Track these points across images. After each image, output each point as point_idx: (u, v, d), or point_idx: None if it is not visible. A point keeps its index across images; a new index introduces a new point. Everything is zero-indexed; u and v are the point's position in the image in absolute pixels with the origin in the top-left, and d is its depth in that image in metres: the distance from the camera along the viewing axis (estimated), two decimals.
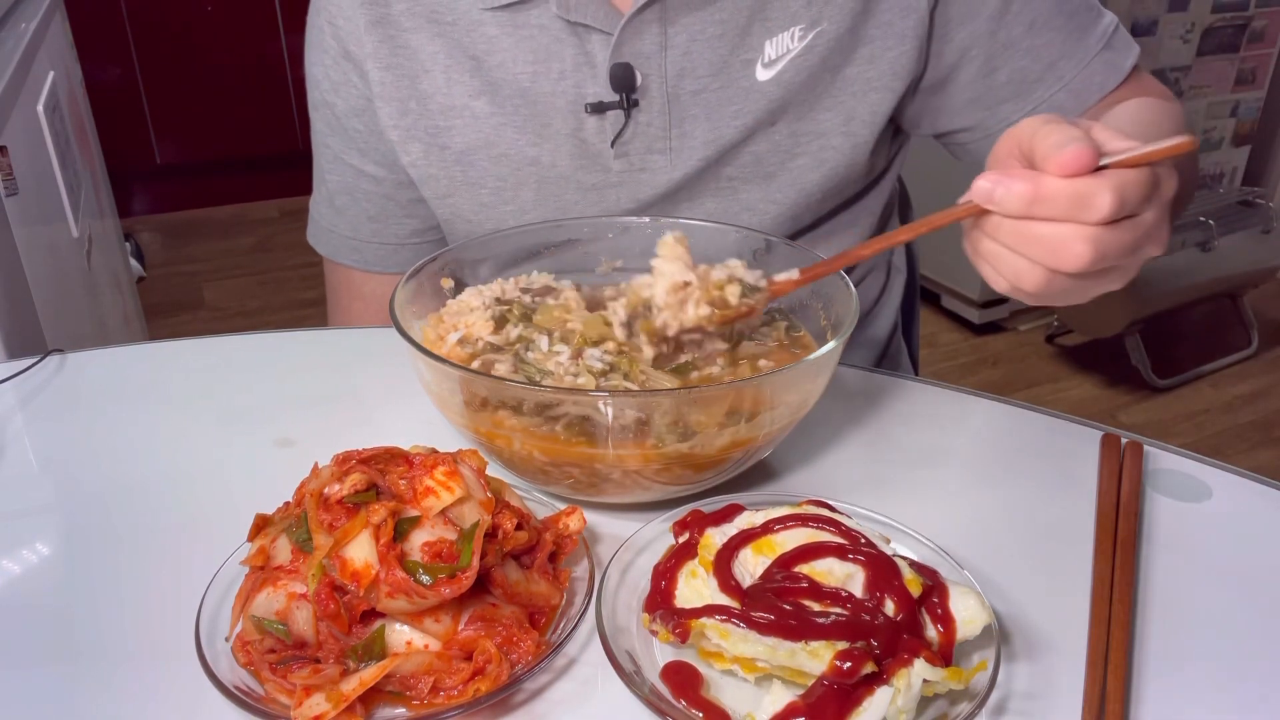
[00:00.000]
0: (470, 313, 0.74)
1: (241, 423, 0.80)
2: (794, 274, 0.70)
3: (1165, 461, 0.73)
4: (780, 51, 0.87)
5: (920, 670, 0.49)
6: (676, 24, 0.86)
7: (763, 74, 0.88)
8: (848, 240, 1.00)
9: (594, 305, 0.75)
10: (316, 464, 0.59)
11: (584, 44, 0.87)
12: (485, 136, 0.90)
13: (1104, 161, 0.56)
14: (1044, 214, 0.57)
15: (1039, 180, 0.57)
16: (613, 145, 0.88)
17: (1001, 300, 2.87)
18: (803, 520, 0.57)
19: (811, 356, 0.63)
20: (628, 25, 0.84)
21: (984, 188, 0.58)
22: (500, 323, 0.72)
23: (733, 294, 0.69)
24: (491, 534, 0.55)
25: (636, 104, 0.87)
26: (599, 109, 0.87)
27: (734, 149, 0.89)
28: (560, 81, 0.88)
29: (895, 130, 0.98)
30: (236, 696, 0.51)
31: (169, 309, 3.01)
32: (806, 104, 0.89)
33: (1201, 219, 2.56)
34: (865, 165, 0.94)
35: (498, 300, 0.75)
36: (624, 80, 0.86)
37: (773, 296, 0.71)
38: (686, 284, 0.68)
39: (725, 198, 0.92)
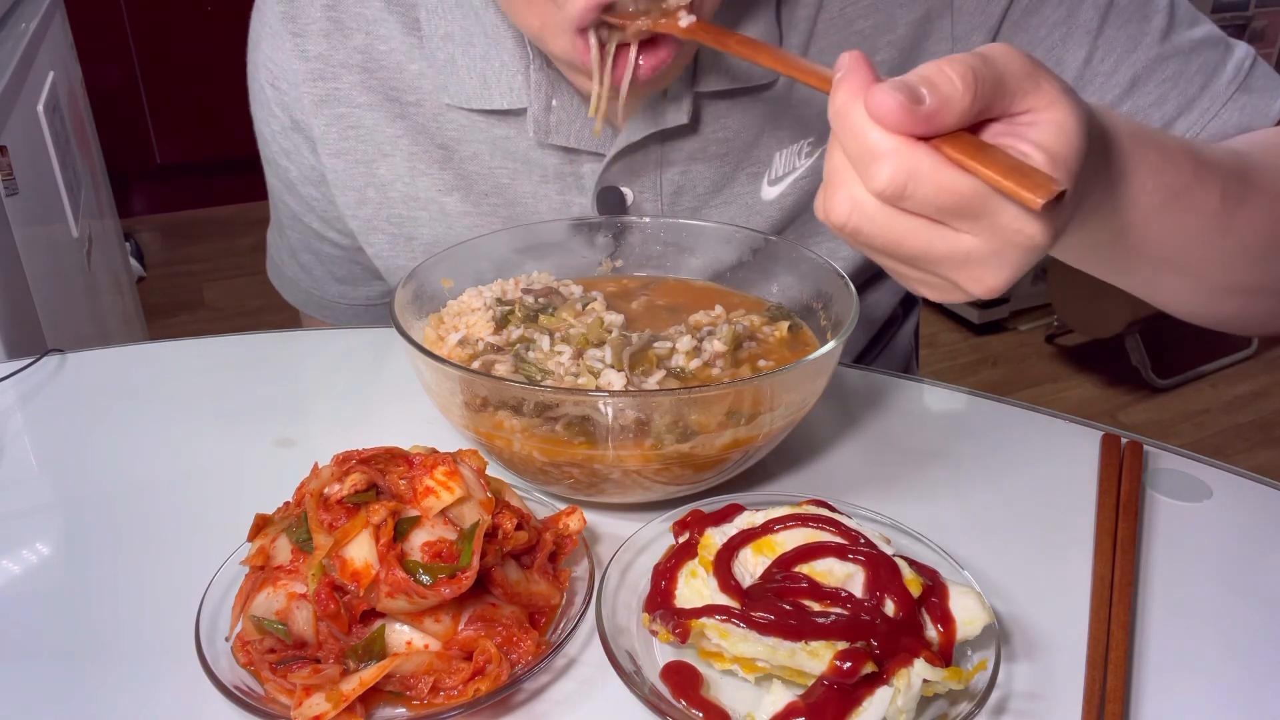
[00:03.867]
0: (471, 313, 0.73)
1: (241, 423, 0.80)
2: (692, 19, 0.59)
3: (1165, 461, 0.73)
4: (788, 168, 0.80)
5: (920, 670, 0.49)
6: (675, 142, 0.78)
7: (768, 192, 0.81)
8: (865, 323, 0.93)
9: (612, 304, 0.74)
10: (316, 464, 0.58)
11: (569, 154, 0.79)
12: (457, 235, 0.83)
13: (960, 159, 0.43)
14: (840, 139, 0.45)
15: (857, 100, 0.44)
16: (602, 263, 0.82)
17: (1001, 300, 2.87)
18: (803, 520, 0.57)
19: (811, 356, 0.63)
20: (621, 153, 0.76)
21: (841, 62, 0.45)
22: (501, 323, 0.72)
23: None
24: (491, 534, 0.55)
25: (628, 226, 0.81)
26: (585, 229, 0.80)
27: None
28: (543, 186, 0.81)
29: None
30: (236, 696, 0.51)
31: (169, 309, 3.01)
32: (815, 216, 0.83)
33: None
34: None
35: (499, 300, 0.75)
36: (613, 205, 0.79)
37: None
38: None
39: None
